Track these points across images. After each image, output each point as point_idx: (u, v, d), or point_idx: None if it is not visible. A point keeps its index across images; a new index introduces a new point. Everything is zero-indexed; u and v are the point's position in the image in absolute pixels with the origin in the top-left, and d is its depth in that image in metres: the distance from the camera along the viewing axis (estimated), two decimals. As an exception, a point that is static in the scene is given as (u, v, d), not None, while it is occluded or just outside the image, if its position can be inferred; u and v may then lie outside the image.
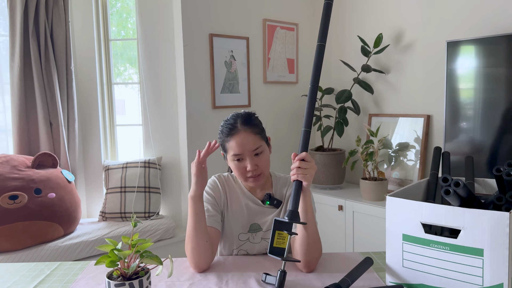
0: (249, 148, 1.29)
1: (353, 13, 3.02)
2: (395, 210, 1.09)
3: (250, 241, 1.37)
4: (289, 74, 3.15)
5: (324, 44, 1.19)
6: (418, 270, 1.06)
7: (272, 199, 1.38)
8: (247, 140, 1.29)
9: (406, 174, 2.65)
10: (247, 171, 1.30)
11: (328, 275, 1.19)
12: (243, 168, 1.30)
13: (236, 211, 1.38)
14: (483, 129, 2.21)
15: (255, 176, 1.31)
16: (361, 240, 2.52)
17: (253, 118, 1.35)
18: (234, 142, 1.29)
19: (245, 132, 1.30)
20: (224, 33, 2.75)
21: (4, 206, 2.05)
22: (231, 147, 1.30)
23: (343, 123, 2.80)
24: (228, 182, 1.42)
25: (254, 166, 1.29)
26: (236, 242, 1.38)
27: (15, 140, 2.38)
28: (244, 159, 1.30)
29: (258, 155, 1.31)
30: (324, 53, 1.19)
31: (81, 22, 2.68)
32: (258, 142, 1.31)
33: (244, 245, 1.38)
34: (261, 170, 1.32)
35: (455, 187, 1.01)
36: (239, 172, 1.32)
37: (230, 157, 1.32)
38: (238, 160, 1.30)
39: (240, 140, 1.29)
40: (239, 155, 1.30)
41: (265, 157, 1.33)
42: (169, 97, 2.72)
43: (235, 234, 1.37)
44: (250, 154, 1.30)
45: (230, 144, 1.30)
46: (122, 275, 0.94)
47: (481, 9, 2.31)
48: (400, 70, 2.74)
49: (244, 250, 1.38)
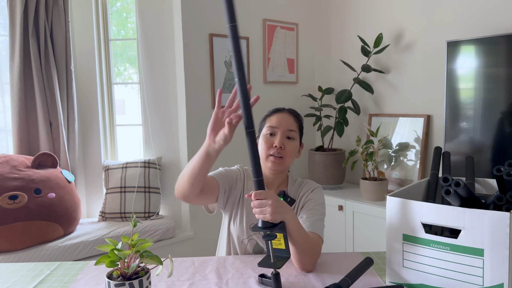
0: (286, 126, 1.37)
1: (353, 13, 3.02)
2: (396, 210, 1.09)
3: (260, 232, 1.39)
4: (289, 74, 3.15)
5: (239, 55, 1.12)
6: (418, 270, 1.06)
7: (286, 196, 1.39)
8: (287, 119, 1.39)
9: (406, 174, 2.65)
10: (273, 147, 1.35)
11: (328, 275, 1.19)
12: (270, 143, 1.36)
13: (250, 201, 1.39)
14: (483, 129, 2.21)
15: (277, 157, 1.35)
16: (361, 240, 2.52)
17: (299, 114, 1.48)
18: (275, 116, 1.39)
19: (288, 114, 1.41)
20: (224, 33, 2.74)
21: (4, 206, 2.05)
22: (271, 120, 1.39)
23: (343, 123, 2.80)
24: (248, 173, 1.46)
25: (281, 144, 1.35)
26: (247, 232, 1.39)
27: (15, 140, 2.37)
28: (276, 135, 1.36)
29: (289, 139, 1.38)
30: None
31: (81, 22, 2.68)
32: (294, 127, 1.40)
33: (254, 236, 1.39)
34: (284, 154, 1.36)
35: (455, 187, 1.01)
36: (266, 145, 1.36)
37: (265, 130, 1.39)
38: (270, 134, 1.37)
39: (281, 117, 1.39)
40: (275, 128, 1.37)
41: (294, 146, 1.39)
42: (169, 97, 2.72)
43: (247, 224, 1.38)
44: (283, 133, 1.37)
45: (270, 118, 1.40)
46: (122, 275, 0.94)
47: (481, 9, 2.31)
48: (400, 70, 2.74)
49: (254, 240, 1.39)
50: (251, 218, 1.39)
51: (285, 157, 1.36)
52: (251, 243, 1.39)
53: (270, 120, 1.40)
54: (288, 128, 1.38)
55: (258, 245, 1.40)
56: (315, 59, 3.32)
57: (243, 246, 1.39)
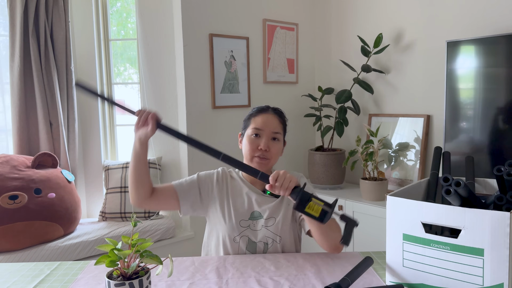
0: (271, 128, 1.39)
1: (353, 13, 3.02)
2: (396, 209, 1.09)
3: (251, 228, 1.40)
4: (289, 74, 3.15)
5: None
6: (418, 269, 1.06)
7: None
8: (273, 121, 1.41)
9: (406, 174, 2.65)
10: (259, 149, 1.37)
11: (328, 275, 1.19)
12: (256, 145, 1.38)
13: (237, 199, 1.43)
14: (483, 129, 2.21)
15: (262, 158, 1.38)
16: (361, 240, 2.51)
17: (283, 113, 1.49)
18: (260, 118, 1.41)
19: (273, 115, 1.43)
20: (224, 33, 2.75)
21: (4, 206, 2.05)
22: (256, 121, 1.40)
23: (343, 123, 2.80)
24: (230, 173, 1.49)
25: (266, 147, 1.37)
26: (238, 229, 1.39)
27: (15, 140, 2.38)
28: (261, 137, 1.39)
29: (274, 140, 1.40)
30: None
31: (81, 22, 2.68)
32: (279, 128, 1.42)
33: (245, 231, 1.39)
34: (270, 156, 1.39)
35: (456, 186, 1.01)
36: (251, 147, 1.38)
37: (249, 131, 1.40)
38: (255, 136, 1.39)
39: (266, 118, 1.41)
40: (260, 130, 1.39)
41: (278, 147, 1.42)
42: (169, 97, 2.72)
43: (236, 220, 1.39)
44: (268, 135, 1.39)
45: (255, 119, 1.41)
46: (122, 275, 0.94)
47: (481, 9, 2.31)
48: (400, 70, 2.74)
49: (246, 236, 1.39)
50: (239, 213, 1.40)
51: (271, 158, 1.40)
52: (244, 240, 1.39)
53: (255, 121, 1.41)
54: (273, 130, 1.40)
55: (250, 241, 1.39)
56: (315, 59, 3.33)
57: (235, 244, 1.39)
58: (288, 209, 1.43)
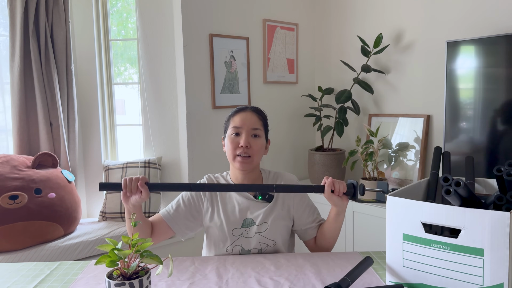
0: (250, 125, 1.38)
1: (353, 13, 3.02)
2: (396, 209, 1.09)
3: (244, 235, 1.38)
4: (289, 74, 3.15)
5: None
6: (418, 269, 1.06)
7: (263, 195, 1.39)
8: (251, 118, 1.39)
9: (406, 174, 2.65)
10: (239, 147, 1.35)
11: (328, 274, 1.19)
12: (236, 143, 1.36)
13: (227, 207, 1.40)
14: (483, 129, 2.21)
15: (245, 156, 1.35)
16: (361, 240, 2.52)
17: (262, 111, 1.48)
18: (238, 116, 1.40)
19: (251, 113, 1.41)
20: (224, 33, 2.75)
21: (4, 206, 2.05)
22: (234, 121, 1.39)
23: (343, 123, 2.80)
24: (217, 179, 1.47)
25: (247, 143, 1.35)
26: (230, 238, 1.38)
27: (15, 140, 2.38)
28: (241, 135, 1.37)
29: (255, 137, 1.38)
30: None
31: (81, 22, 2.68)
32: (259, 125, 1.40)
33: (238, 240, 1.38)
34: (251, 153, 1.36)
35: (456, 186, 1.01)
36: (232, 146, 1.37)
37: (230, 131, 1.39)
38: (235, 135, 1.37)
39: (244, 116, 1.39)
40: (239, 128, 1.37)
41: (260, 143, 1.39)
42: (169, 97, 2.72)
43: (229, 230, 1.38)
44: (248, 132, 1.37)
45: (234, 119, 1.40)
46: (122, 275, 0.94)
47: (481, 9, 2.31)
48: (400, 70, 2.75)
49: (239, 246, 1.38)
50: (231, 222, 1.38)
51: (253, 156, 1.37)
52: (236, 249, 1.38)
53: (233, 120, 1.40)
54: (253, 127, 1.38)
55: (244, 250, 1.38)
56: (315, 59, 3.33)
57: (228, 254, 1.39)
58: (281, 212, 1.41)
